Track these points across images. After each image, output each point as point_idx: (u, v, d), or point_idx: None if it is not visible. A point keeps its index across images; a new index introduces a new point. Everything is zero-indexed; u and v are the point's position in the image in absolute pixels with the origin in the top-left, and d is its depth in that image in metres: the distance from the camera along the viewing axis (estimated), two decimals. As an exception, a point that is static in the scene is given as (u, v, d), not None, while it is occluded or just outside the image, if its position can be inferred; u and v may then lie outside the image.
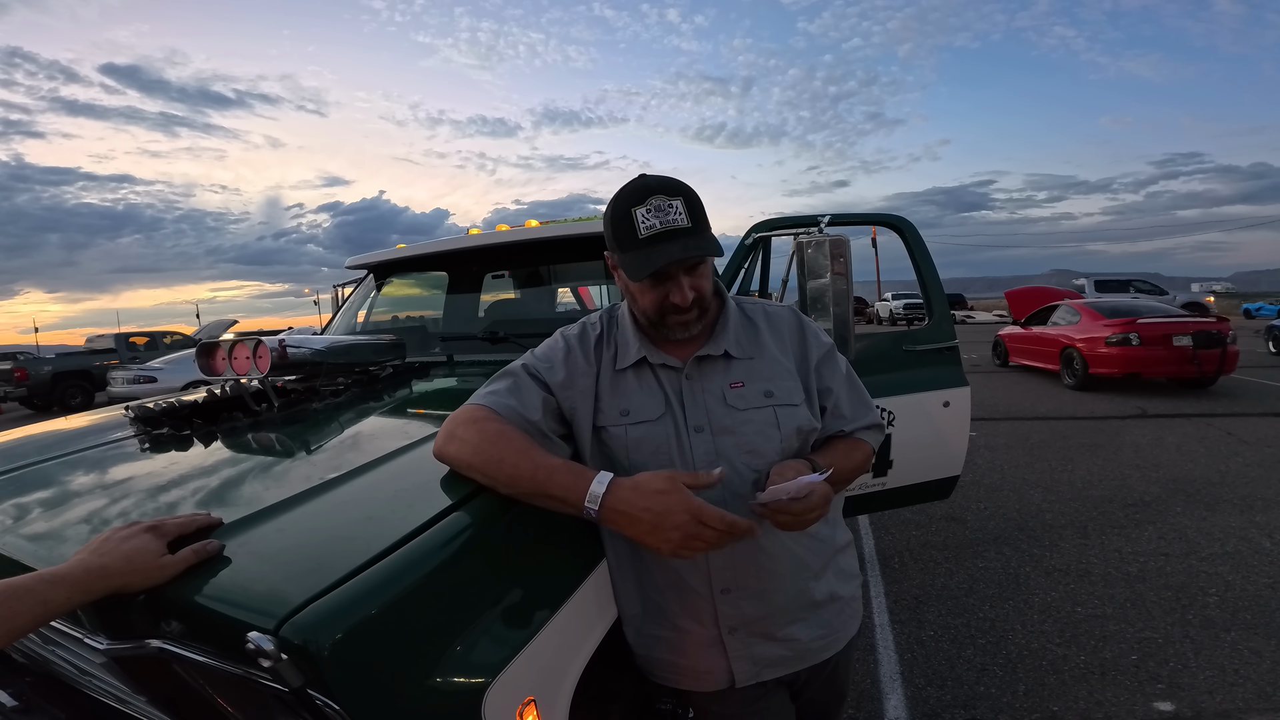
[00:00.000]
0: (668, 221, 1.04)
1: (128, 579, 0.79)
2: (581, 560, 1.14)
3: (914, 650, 2.83)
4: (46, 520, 1.13)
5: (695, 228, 1.06)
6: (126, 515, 1.10)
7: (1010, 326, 13.01)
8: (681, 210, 1.05)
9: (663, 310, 1.12)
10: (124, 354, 15.00)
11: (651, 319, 1.15)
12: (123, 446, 1.60)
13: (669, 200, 1.05)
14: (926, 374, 2.72)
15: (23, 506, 1.20)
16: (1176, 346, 8.84)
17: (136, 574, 0.80)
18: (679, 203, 1.06)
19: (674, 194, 1.06)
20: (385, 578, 0.80)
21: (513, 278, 3.24)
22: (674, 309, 1.11)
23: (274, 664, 0.66)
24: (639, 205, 1.06)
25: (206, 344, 2.02)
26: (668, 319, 1.13)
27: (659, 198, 1.05)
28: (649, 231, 1.05)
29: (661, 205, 1.05)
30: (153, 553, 0.82)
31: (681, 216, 1.05)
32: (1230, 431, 6.59)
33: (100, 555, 0.80)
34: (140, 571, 0.80)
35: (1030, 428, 7.23)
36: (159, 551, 0.83)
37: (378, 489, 1.13)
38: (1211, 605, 3.08)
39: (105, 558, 0.79)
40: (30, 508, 1.20)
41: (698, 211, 1.08)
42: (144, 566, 0.80)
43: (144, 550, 0.81)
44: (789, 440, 1.14)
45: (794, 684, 1.28)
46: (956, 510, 4.54)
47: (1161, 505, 4.50)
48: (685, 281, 1.09)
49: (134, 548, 0.81)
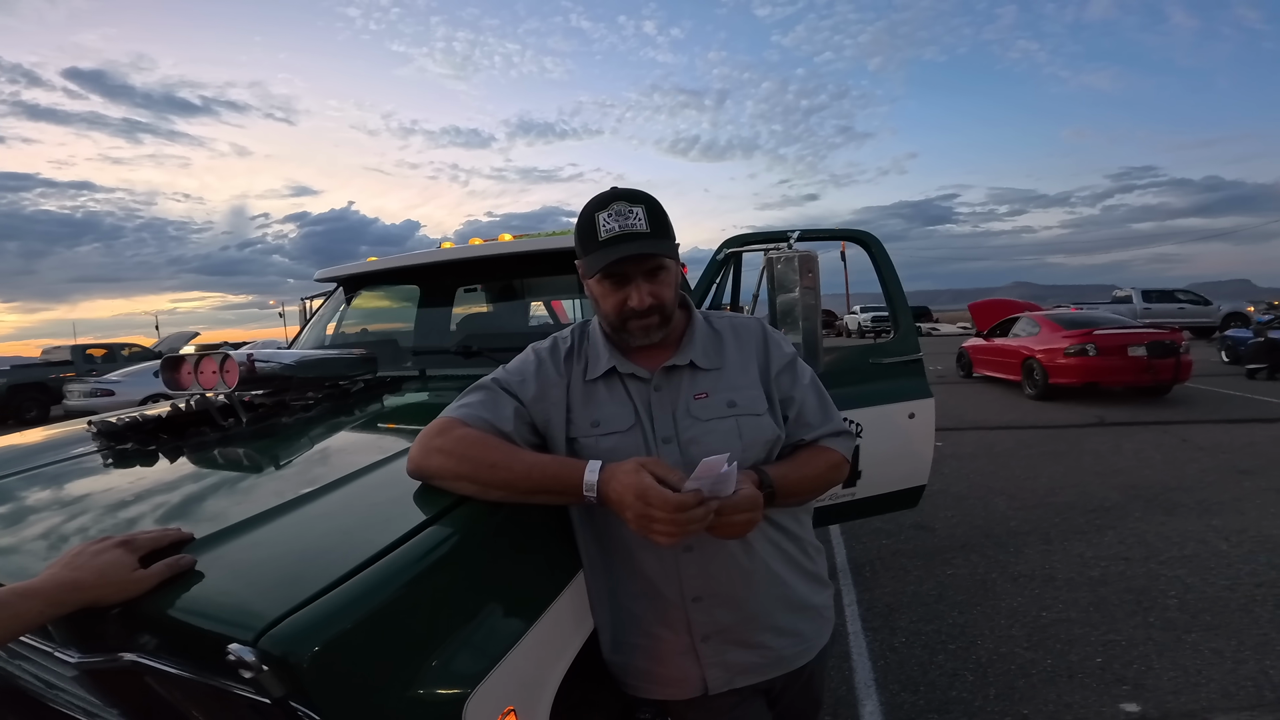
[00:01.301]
0: (627, 225, 1.09)
1: (100, 593, 0.78)
2: (559, 571, 1.15)
3: (887, 657, 2.87)
4: (9, 536, 1.10)
5: (654, 233, 1.10)
6: (93, 532, 1.08)
7: (974, 338, 13.31)
8: (642, 216, 1.10)
9: (623, 314, 1.15)
10: (81, 366, 14.57)
11: (613, 323, 1.18)
12: (86, 462, 1.57)
13: (631, 207, 1.10)
14: (892, 386, 2.78)
15: None
16: (1132, 356, 9.12)
17: (109, 588, 0.79)
18: (640, 209, 1.11)
19: (636, 202, 1.11)
20: (364, 590, 0.80)
21: (485, 291, 3.23)
22: (633, 313, 1.14)
23: (256, 675, 0.66)
24: (602, 210, 1.11)
25: (172, 357, 1.99)
26: (628, 323, 1.16)
27: (622, 204, 1.11)
28: (608, 234, 1.09)
29: (623, 210, 1.10)
30: (125, 567, 0.81)
31: (641, 222, 1.10)
32: (1186, 438, 6.80)
33: (72, 569, 0.79)
34: (113, 585, 0.79)
35: (994, 437, 7.39)
36: (131, 565, 0.82)
37: (352, 504, 1.12)
38: (1172, 607, 3.17)
39: (77, 572, 0.79)
40: None
41: (659, 220, 1.12)
42: (116, 580, 0.80)
43: (116, 564, 0.81)
44: (752, 449, 1.16)
45: (770, 692, 1.28)
46: (925, 518, 4.61)
47: (1121, 511, 4.63)
48: (644, 286, 1.12)
49: (106, 562, 0.81)
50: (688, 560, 1.13)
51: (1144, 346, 9.12)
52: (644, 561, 1.15)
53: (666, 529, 0.93)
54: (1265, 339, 11.50)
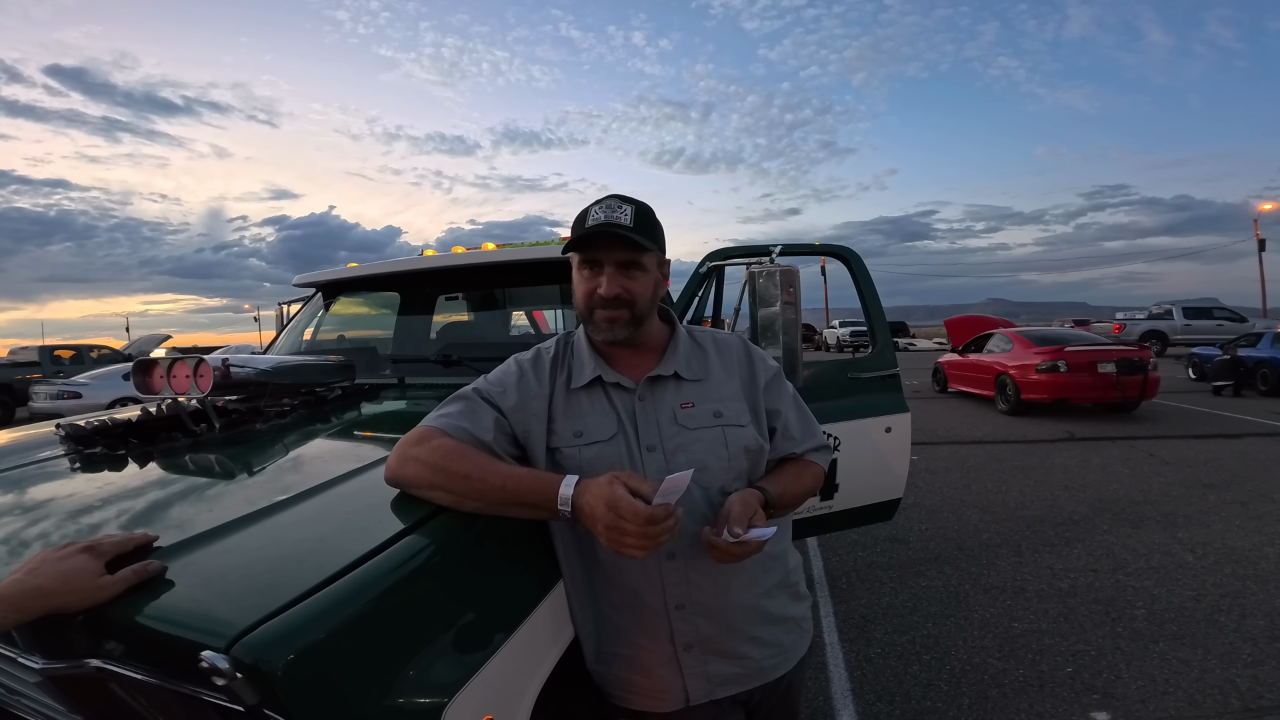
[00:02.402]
0: (613, 218, 1.14)
1: (65, 599, 0.77)
2: (538, 581, 1.14)
3: (863, 668, 2.89)
4: None
5: (637, 229, 1.14)
6: (56, 538, 1.05)
7: (949, 354, 13.50)
8: (629, 213, 1.15)
9: (590, 302, 1.18)
10: (48, 368, 14.23)
11: (582, 312, 1.21)
12: (52, 466, 1.53)
13: (622, 204, 1.16)
14: (870, 400, 2.81)
15: None
16: (1101, 373, 9.33)
17: (73, 594, 0.77)
18: (629, 208, 1.16)
19: (628, 202, 1.16)
20: (340, 598, 0.79)
21: (466, 300, 3.22)
22: (600, 301, 1.16)
23: (229, 683, 0.65)
24: (597, 205, 1.17)
25: (144, 361, 1.95)
26: (594, 313, 1.18)
27: (615, 200, 1.16)
28: (594, 222, 1.14)
29: (613, 205, 1.16)
30: (90, 572, 0.80)
31: (626, 217, 1.14)
32: (1152, 453, 6.96)
33: (35, 575, 0.78)
34: (77, 591, 0.78)
35: (967, 451, 7.50)
36: (96, 571, 0.81)
37: (328, 511, 1.11)
38: (1140, 618, 3.23)
39: (40, 577, 0.77)
40: None
41: (646, 221, 1.16)
42: (80, 586, 0.78)
43: (80, 570, 0.79)
44: (736, 458, 1.18)
45: (748, 703, 1.29)
46: (900, 531, 4.66)
47: (1089, 524, 4.72)
48: (616, 277, 1.15)
49: (70, 567, 0.79)
50: (670, 568, 1.14)
51: (1113, 364, 9.33)
52: (626, 570, 1.15)
53: (638, 541, 0.94)
54: (1231, 357, 11.82)
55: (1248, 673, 2.69)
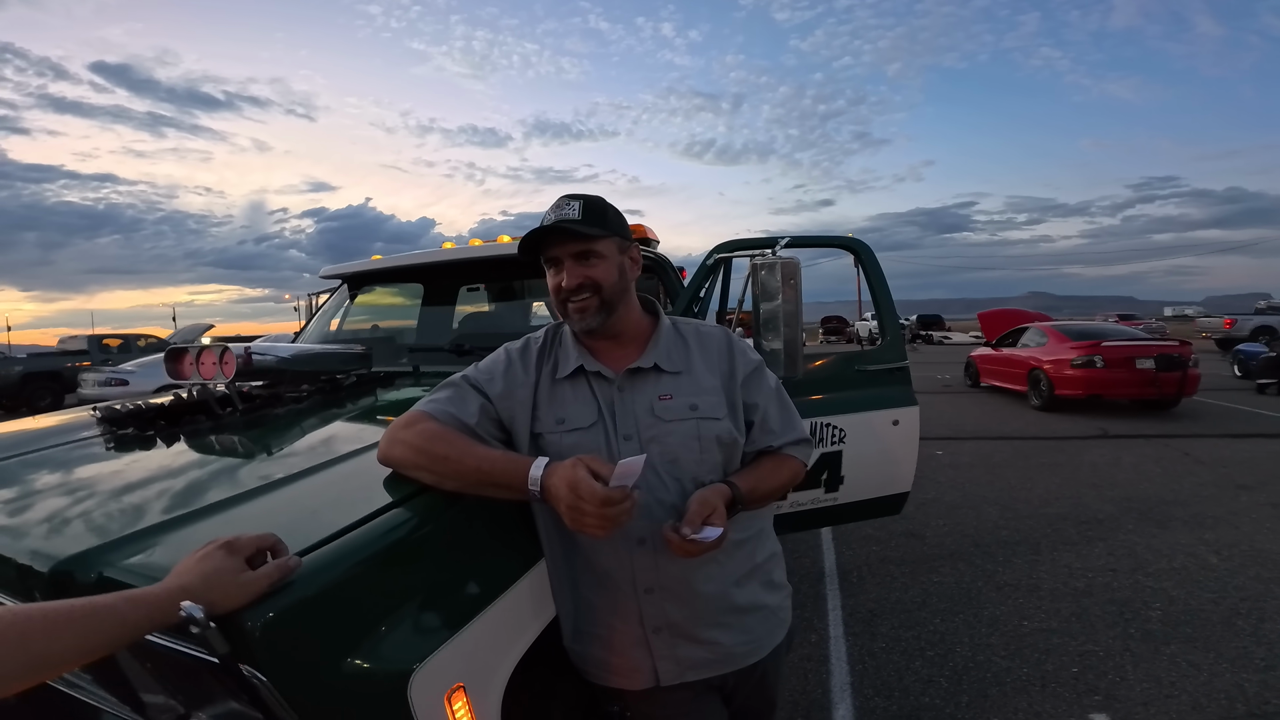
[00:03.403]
0: (561, 214, 1.21)
1: (209, 598, 0.76)
2: (518, 558, 1.21)
3: (865, 661, 2.91)
4: (13, 510, 1.18)
5: (585, 221, 1.21)
6: (90, 507, 1.16)
7: (982, 348, 13.27)
8: (576, 209, 1.21)
9: (560, 296, 1.24)
10: (96, 356, 14.76)
11: (557, 307, 1.27)
12: (87, 446, 1.65)
13: (570, 201, 1.23)
14: (877, 393, 2.81)
15: None
16: (1139, 369, 9.09)
17: (215, 593, 0.77)
18: (577, 204, 1.22)
19: (576, 198, 1.23)
20: (321, 563, 0.87)
21: (487, 291, 3.31)
22: (567, 294, 1.23)
23: (203, 631, 0.72)
24: (551, 207, 1.24)
25: (175, 349, 2.08)
26: (566, 305, 1.24)
27: (564, 199, 1.23)
28: (544, 223, 1.22)
29: (562, 204, 1.23)
30: (230, 570, 0.80)
31: (574, 211, 1.21)
32: (1187, 452, 6.78)
33: (179, 576, 0.79)
34: (219, 590, 0.78)
35: (994, 447, 7.39)
36: (237, 568, 0.81)
37: (326, 487, 1.20)
38: (1154, 619, 3.19)
39: (183, 578, 0.78)
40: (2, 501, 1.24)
41: (594, 211, 1.23)
42: (222, 586, 0.78)
43: (220, 569, 0.79)
44: (709, 451, 1.22)
45: (724, 688, 1.33)
46: (916, 526, 4.65)
47: (1114, 523, 4.64)
48: (574, 269, 1.22)
49: (211, 567, 0.79)
50: (640, 554, 1.19)
51: (1152, 359, 9.08)
52: (600, 552, 1.21)
53: (596, 521, 1.00)
54: (1276, 354, 11.40)
55: (1257, 678, 2.65)
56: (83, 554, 0.95)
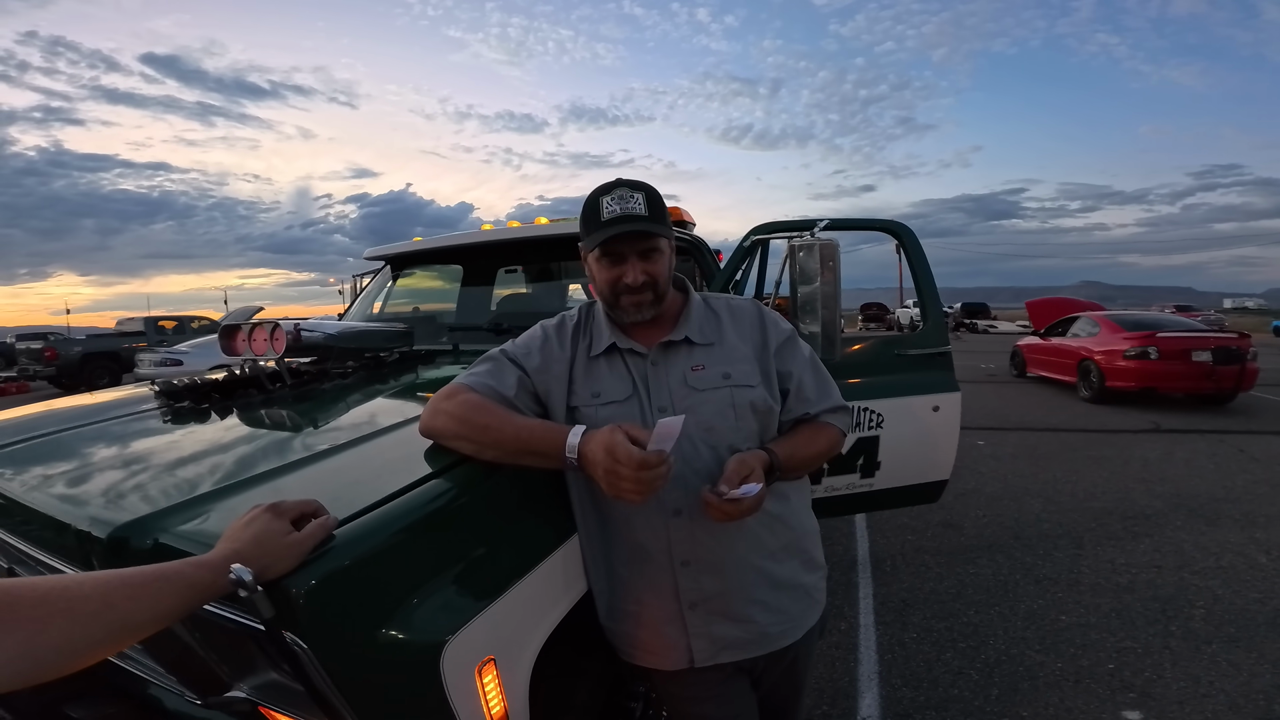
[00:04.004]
0: (628, 208, 1.19)
1: (261, 562, 0.78)
2: (552, 533, 1.24)
3: (894, 651, 2.89)
4: (73, 478, 1.25)
5: (651, 217, 1.20)
6: (149, 474, 1.22)
7: (1029, 337, 12.91)
8: (641, 202, 1.20)
9: (615, 289, 1.24)
10: (152, 337, 15.28)
11: (607, 299, 1.27)
12: (144, 419, 1.73)
13: (632, 193, 1.21)
14: (917, 378, 2.77)
15: (54, 467, 1.33)
16: (1195, 362, 8.74)
17: (267, 556, 0.80)
18: (640, 196, 1.21)
19: (638, 189, 1.22)
20: (362, 531, 0.91)
21: (525, 273, 3.35)
22: (626, 289, 1.23)
23: (250, 595, 0.75)
24: (606, 195, 1.21)
25: (228, 326, 2.16)
26: (621, 299, 1.25)
27: (624, 190, 1.21)
28: (610, 215, 1.19)
29: (625, 195, 1.20)
30: (278, 532, 0.82)
31: (640, 206, 1.20)
32: (1242, 449, 6.54)
33: (230, 541, 0.81)
34: (270, 553, 0.80)
35: (1039, 438, 7.22)
36: (284, 530, 0.83)
37: (369, 459, 1.25)
38: (1197, 618, 3.11)
39: (234, 543, 0.80)
40: (59, 468, 1.32)
41: (656, 206, 1.22)
42: (271, 548, 0.80)
43: (268, 531, 0.82)
44: (744, 419, 1.23)
45: (753, 672, 1.34)
46: (954, 517, 4.58)
47: (1161, 519, 4.51)
48: (639, 265, 1.22)
49: (259, 529, 0.82)
50: (676, 524, 1.21)
51: (1209, 352, 8.73)
52: (636, 524, 1.23)
53: (633, 486, 1.01)
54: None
55: (1300, 680, 2.56)
56: (140, 520, 0.98)
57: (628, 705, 1.55)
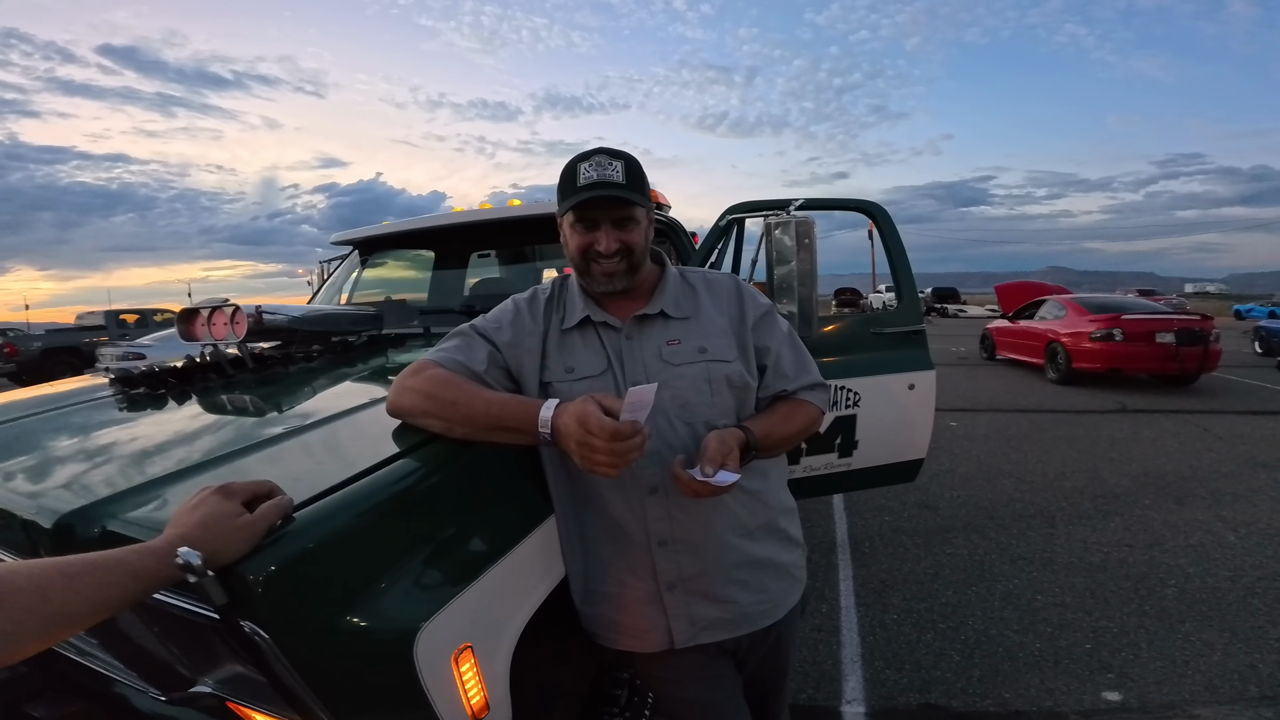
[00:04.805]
0: (604, 175, 1.16)
1: (210, 546, 0.73)
2: (527, 514, 1.18)
3: (876, 633, 2.90)
4: (20, 468, 1.17)
5: (628, 185, 1.16)
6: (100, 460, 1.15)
7: (999, 321, 13.10)
8: (620, 170, 1.16)
9: (586, 256, 1.20)
10: (114, 331, 14.85)
11: (578, 265, 1.22)
12: (98, 407, 1.64)
13: (611, 160, 1.17)
14: (893, 356, 2.75)
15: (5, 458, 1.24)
16: (1159, 343, 8.93)
17: (217, 540, 0.74)
18: (619, 164, 1.16)
19: (617, 157, 1.17)
20: (324, 513, 0.85)
21: (498, 257, 3.27)
22: (597, 255, 1.19)
23: (200, 580, 0.70)
24: (584, 161, 1.18)
25: (187, 310, 2.06)
26: (591, 266, 1.20)
27: (603, 156, 1.17)
28: (586, 180, 1.15)
29: (603, 162, 1.17)
30: (227, 514, 0.77)
31: (618, 174, 1.16)
32: (1207, 428, 6.69)
33: (176, 526, 0.76)
34: (220, 537, 0.75)
35: (1010, 420, 7.32)
36: (234, 512, 0.78)
37: (332, 440, 1.18)
38: (1169, 597, 3.15)
39: (182, 528, 0.75)
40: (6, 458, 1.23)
41: (635, 175, 1.18)
42: (220, 531, 0.75)
43: (216, 513, 0.76)
44: (720, 394, 1.19)
45: (736, 653, 1.31)
46: (930, 498, 4.62)
47: (1130, 498, 4.59)
48: (612, 232, 1.18)
49: (207, 512, 0.76)
50: (653, 503, 1.17)
51: (1173, 333, 8.92)
52: (611, 503, 1.18)
53: (607, 459, 0.96)
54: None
55: (1272, 659, 2.60)
56: (86, 508, 0.93)
57: (612, 692, 1.51)
